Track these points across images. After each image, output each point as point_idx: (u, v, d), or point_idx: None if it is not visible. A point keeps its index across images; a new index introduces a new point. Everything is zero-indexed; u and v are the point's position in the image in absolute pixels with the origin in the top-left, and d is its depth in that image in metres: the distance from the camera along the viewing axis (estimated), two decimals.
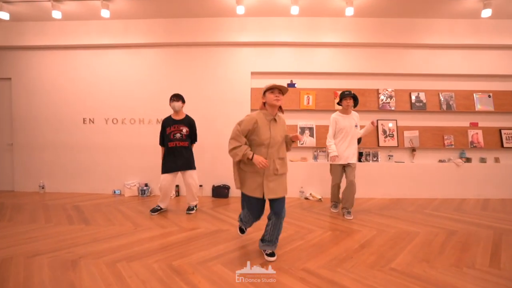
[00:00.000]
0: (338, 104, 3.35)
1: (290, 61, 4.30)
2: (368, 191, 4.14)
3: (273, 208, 2.07)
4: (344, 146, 3.22)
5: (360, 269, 2.00)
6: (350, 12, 3.70)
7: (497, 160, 4.30)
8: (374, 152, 4.32)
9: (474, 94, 4.31)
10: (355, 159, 3.26)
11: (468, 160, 4.25)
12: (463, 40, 4.17)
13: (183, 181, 3.34)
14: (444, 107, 4.29)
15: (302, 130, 4.30)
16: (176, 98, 3.26)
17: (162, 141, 3.34)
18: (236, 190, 4.17)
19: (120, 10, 3.97)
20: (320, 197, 4.03)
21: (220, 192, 4.20)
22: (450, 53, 4.29)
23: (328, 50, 4.31)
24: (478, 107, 4.29)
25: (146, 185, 4.30)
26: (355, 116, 3.31)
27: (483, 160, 4.29)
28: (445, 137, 4.29)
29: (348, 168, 3.23)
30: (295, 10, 3.70)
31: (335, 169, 3.31)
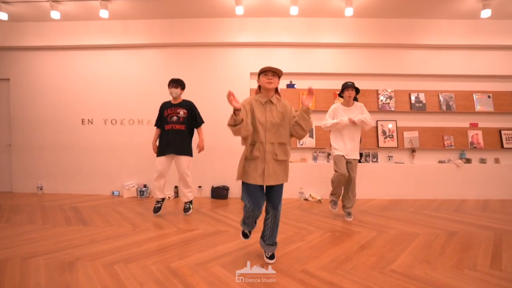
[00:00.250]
0: (340, 95, 3.23)
1: (290, 61, 4.29)
2: (368, 192, 4.12)
3: (270, 200, 2.06)
4: (344, 139, 3.09)
5: (360, 270, 1.98)
6: (349, 12, 3.70)
7: (497, 160, 4.29)
8: (373, 153, 4.31)
9: (473, 95, 4.30)
10: (357, 155, 3.13)
11: (468, 160, 4.24)
12: (462, 41, 4.17)
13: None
14: (444, 107, 4.28)
15: None
16: (174, 84, 3.18)
17: (159, 123, 3.31)
18: (235, 191, 4.18)
19: (119, 11, 3.96)
20: (320, 198, 4.02)
21: (219, 193, 4.18)
22: (450, 53, 4.29)
23: (328, 50, 4.31)
24: (478, 107, 4.28)
25: (145, 186, 4.28)
26: (359, 107, 3.11)
27: (483, 160, 4.28)
28: (445, 137, 4.28)
29: (349, 164, 3.10)
30: (294, 10, 3.69)
31: (337, 159, 3.10)
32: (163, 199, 3.32)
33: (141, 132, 4.34)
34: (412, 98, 4.30)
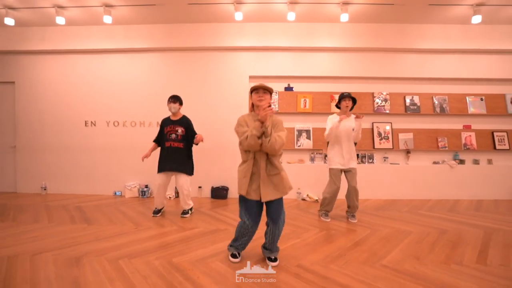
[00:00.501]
0: (337, 106, 3.25)
1: (288, 65, 4.41)
2: (364, 192, 4.19)
3: (268, 214, 2.06)
4: (342, 149, 3.14)
5: (352, 265, 2.08)
6: (345, 18, 3.81)
7: (490, 161, 4.40)
8: (369, 154, 4.42)
9: (467, 98, 4.42)
10: (355, 164, 3.16)
11: (461, 162, 4.35)
12: (455, 45, 4.29)
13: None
14: (438, 110, 4.39)
15: (299, 132, 4.40)
16: (173, 100, 3.30)
17: (157, 139, 3.42)
18: (235, 191, 4.27)
19: (121, 16, 4.09)
20: (317, 198, 4.12)
21: (218, 193, 4.28)
22: (443, 57, 4.41)
23: (325, 54, 4.42)
24: (471, 110, 4.39)
25: (146, 186, 4.38)
26: (353, 118, 3.16)
27: (476, 161, 4.38)
28: (439, 139, 4.38)
29: (349, 173, 3.13)
30: (291, 16, 3.81)
31: (335, 173, 3.15)
32: (163, 207, 3.45)
33: (142, 134, 4.44)
34: (407, 101, 4.41)
